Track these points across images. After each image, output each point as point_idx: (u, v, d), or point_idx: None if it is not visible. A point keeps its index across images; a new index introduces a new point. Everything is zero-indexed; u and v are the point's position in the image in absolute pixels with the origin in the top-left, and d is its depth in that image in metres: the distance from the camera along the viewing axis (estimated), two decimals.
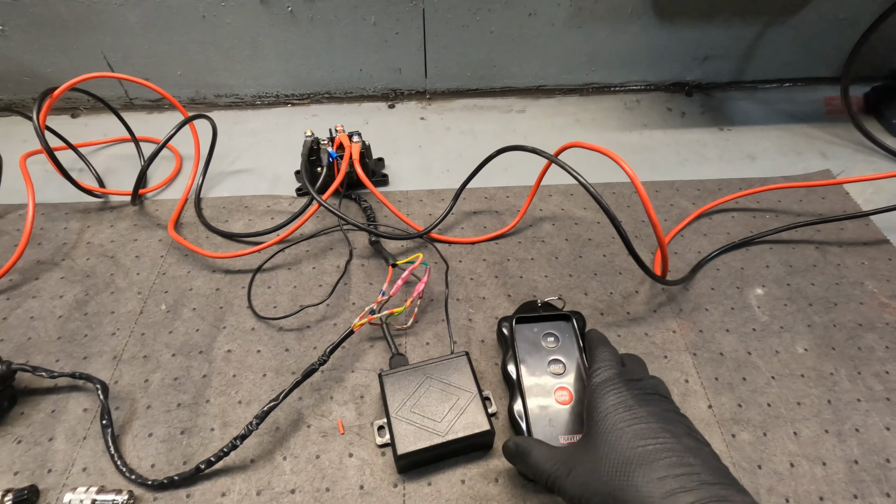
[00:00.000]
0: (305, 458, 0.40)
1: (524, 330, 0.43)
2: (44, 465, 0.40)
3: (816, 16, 0.73)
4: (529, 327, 0.43)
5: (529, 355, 0.41)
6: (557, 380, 0.40)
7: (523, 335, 0.42)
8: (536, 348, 0.42)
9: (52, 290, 0.52)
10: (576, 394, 0.39)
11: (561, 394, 0.39)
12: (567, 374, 0.40)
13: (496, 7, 0.69)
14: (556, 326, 0.43)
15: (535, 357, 0.41)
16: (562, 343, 0.42)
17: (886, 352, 0.47)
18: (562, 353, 0.41)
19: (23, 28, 0.66)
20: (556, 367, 0.41)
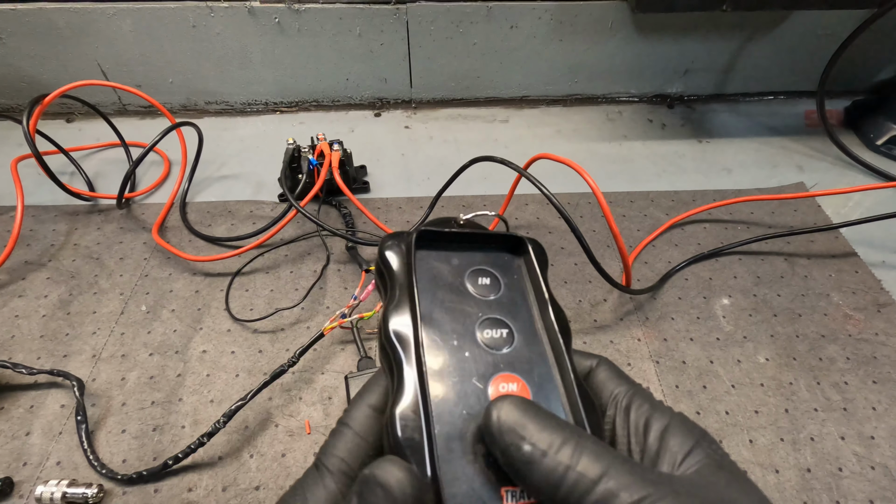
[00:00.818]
0: (271, 457, 0.42)
1: (432, 261, 0.21)
2: (20, 458, 0.41)
3: (796, 31, 0.75)
4: (444, 255, 0.21)
5: (440, 305, 0.20)
6: (496, 356, 0.19)
7: (431, 269, 0.21)
8: (456, 295, 0.20)
9: (38, 290, 0.53)
10: (535, 392, 0.19)
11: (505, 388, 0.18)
12: (514, 348, 0.19)
13: (478, 20, 0.70)
14: (497, 261, 0.22)
15: (454, 312, 0.20)
16: (505, 289, 0.21)
17: (847, 363, 0.48)
18: (505, 308, 0.20)
19: (19, 36, 0.68)
20: (494, 331, 0.20)
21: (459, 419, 0.17)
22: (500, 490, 0.16)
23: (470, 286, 0.20)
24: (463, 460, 0.16)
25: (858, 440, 0.43)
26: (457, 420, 0.17)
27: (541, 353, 0.20)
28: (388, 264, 0.20)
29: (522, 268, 0.22)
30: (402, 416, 0.17)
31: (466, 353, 0.19)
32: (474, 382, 0.18)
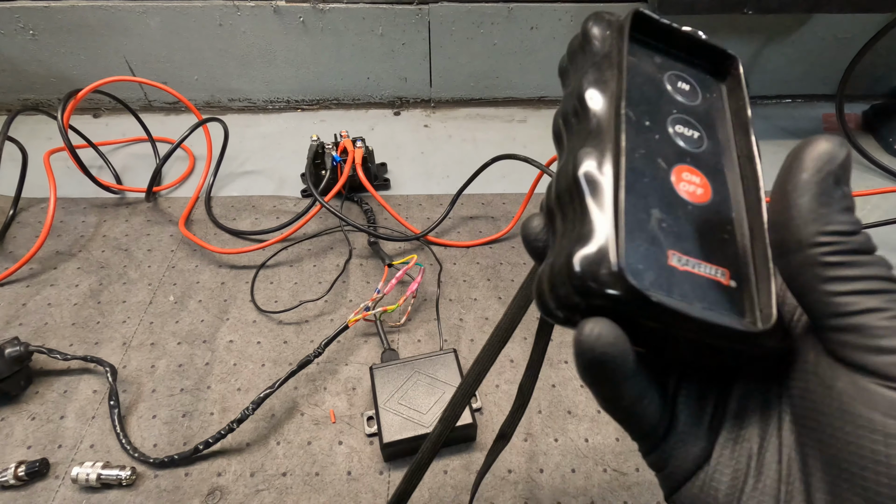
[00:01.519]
0: (298, 444, 0.43)
1: (641, 52, 0.20)
2: (55, 440, 0.42)
3: (815, 34, 0.75)
4: (650, 54, 0.20)
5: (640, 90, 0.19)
6: (685, 149, 0.18)
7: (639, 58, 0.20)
8: (655, 86, 0.19)
9: (69, 280, 0.55)
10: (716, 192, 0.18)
11: (688, 177, 0.18)
12: (703, 151, 0.19)
13: (499, 21, 0.71)
14: (698, 75, 0.20)
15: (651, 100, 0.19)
16: (703, 101, 0.20)
17: None
18: (701, 118, 0.19)
19: (51, 33, 0.70)
20: (687, 129, 0.19)
21: (641, 184, 0.17)
22: (668, 250, 0.16)
23: (668, 85, 0.19)
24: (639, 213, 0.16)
25: None
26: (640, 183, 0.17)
27: (730, 166, 0.19)
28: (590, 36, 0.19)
29: (723, 89, 0.20)
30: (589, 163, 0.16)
31: (657, 135, 0.18)
32: (659, 161, 0.17)
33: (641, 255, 0.16)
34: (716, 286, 0.16)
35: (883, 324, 0.13)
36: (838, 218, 0.14)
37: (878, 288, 0.13)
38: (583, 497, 0.40)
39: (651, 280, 0.15)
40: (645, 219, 0.16)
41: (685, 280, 0.16)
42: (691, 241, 0.17)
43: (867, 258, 0.14)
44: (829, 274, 0.14)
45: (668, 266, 0.16)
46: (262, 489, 0.40)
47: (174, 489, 0.40)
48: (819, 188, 0.14)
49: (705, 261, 0.16)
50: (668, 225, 0.17)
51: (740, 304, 0.16)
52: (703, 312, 0.15)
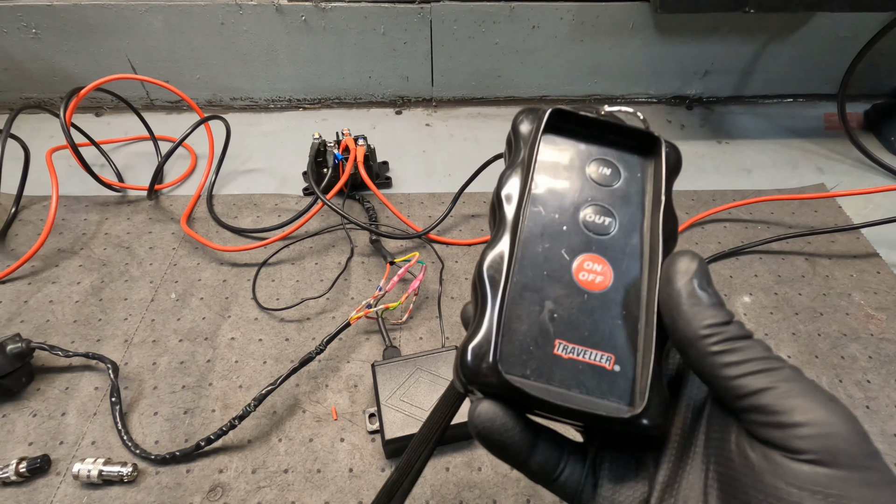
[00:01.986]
0: (299, 441, 0.42)
1: (559, 143, 0.21)
2: (56, 437, 0.42)
3: (817, 33, 0.75)
4: (571, 142, 0.21)
5: (553, 181, 0.21)
6: (591, 238, 0.20)
7: (555, 148, 0.21)
8: (570, 176, 0.21)
9: (71, 277, 0.55)
10: (617, 280, 0.19)
11: (589, 266, 0.20)
12: (612, 238, 0.20)
13: (501, 20, 0.71)
14: (624, 157, 0.22)
15: (564, 190, 0.21)
16: (623, 185, 0.21)
17: (869, 361, 0.48)
18: (615, 201, 0.21)
19: (54, 31, 0.70)
20: (595, 216, 0.20)
21: (539, 277, 0.19)
22: (555, 339, 0.18)
23: (589, 171, 0.21)
24: (530, 307, 0.19)
25: (882, 438, 0.43)
26: (537, 276, 0.19)
27: (636, 250, 0.20)
28: (518, 133, 0.21)
29: (649, 168, 0.21)
30: (491, 258, 0.19)
31: (564, 227, 0.20)
32: (563, 253, 0.20)
33: (524, 347, 0.18)
34: (598, 372, 0.18)
35: (776, 402, 0.15)
36: (711, 313, 0.17)
37: (761, 368, 0.16)
38: None
39: (532, 369, 0.18)
40: (537, 310, 0.19)
41: (568, 367, 0.18)
42: (581, 329, 0.19)
43: (745, 342, 0.16)
44: (719, 361, 0.16)
45: (553, 355, 0.18)
46: (264, 486, 0.40)
47: (176, 486, 0.40)
48: (688, 293, 0.17)
49: (592, 347, 0.18)
50: (560, 315, 0.19)
51: (620, 389, 0.18)
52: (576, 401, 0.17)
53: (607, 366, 0.18)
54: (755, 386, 0.15)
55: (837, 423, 0.14)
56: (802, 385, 0.15)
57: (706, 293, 0.17)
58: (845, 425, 0.14)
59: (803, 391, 0.15)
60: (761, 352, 0.16)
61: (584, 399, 0.18)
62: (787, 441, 0.14)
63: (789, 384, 0.15)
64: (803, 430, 0.14)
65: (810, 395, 0.15)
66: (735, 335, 0.16)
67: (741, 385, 0.16)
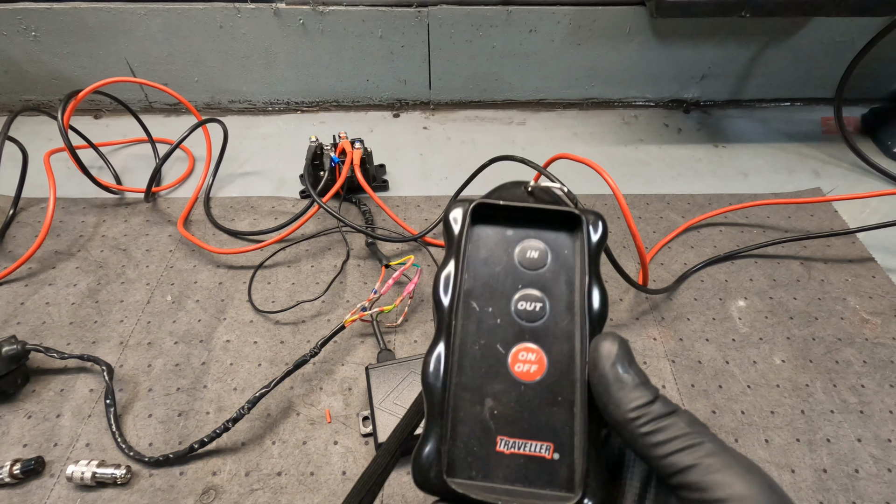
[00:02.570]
0: (293, 444, 0.43)
1: (487, 231, 0.22)
2: (51, 439, 0.42)
3: (814, 38, 0.75)
4: (498, 229, 0.22)
5: (484, 272, 0.21)
6: (525, 327, 0.21)
7: (484, 238, 0.22)
8: (501, 264, 0.22)
9: (67, 279, 0.55)
10: (552, 366, 0.20)
11: (525, 356, 0.20)
12: (544, 322, 0.21)
13: (498, 23, 0.71)
14: (550, 236, 0.22)
15: (495, 278, 0.21)
16: (552, 265, 0.21)
17: (864, 366, 0.48)
18: (545, 283, 0.21)
19: (53, 34, 0.70)
20: (527, 303, 0.21)
21: (477, 375, 0.20)
22: (496, 436, 0.19)
23: (518, 258, 0.21)
24: (471, 407, 0.19)
25: (875, 443, 0.43)
26: (475, 375, 0.20)
27: (569, 331, 0.20)
28: (449, 227, 0.22)
29: (576, 243, 0.22)
30: (432, 365, 0.20)
31: (498, 320, 0.21)
32: (498, 347, 0.20)
33: (468, 448, 0.19)
34: (539, 462, 0.19)
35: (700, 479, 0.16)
36: (635, 395, 0.18)
37: (685, 445, 0.17)
38: None
39: (477, 469, 0.19)
40: (478, 409, 0.19)
41: (510, 462, 0.19)
42: (520, 422, 0.19)
43: (669, 420, 0.17)
44: (648, 441, 0.17)
45: (496, 452, 0.19)
46: (257, 488, 0.40)
47: (169, 488, 0.40)
48: (613, 377, 0.18)
49: (531, 439, 0.19)
50: (500, 411, 0.19)
51: (561, 477, 0.19)
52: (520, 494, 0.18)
53: (547, 455, 0.19)
54: (682, 464, 0.17)
55: (755, 494, 0.16)
56: (723, 459, 0.16)
57: (629, 375, 0.18)
58: (762, 495, 0.16)
59: (724, 465, 0.16)
60: (685, 428, 0.17)
61: (527, 492, 0.18)
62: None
63: (711, 458, 0.16)
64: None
65: (730, 468, 0.16)
66: (659, 414, 0.18)
67: (670, 463, 0.17)
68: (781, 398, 0.46)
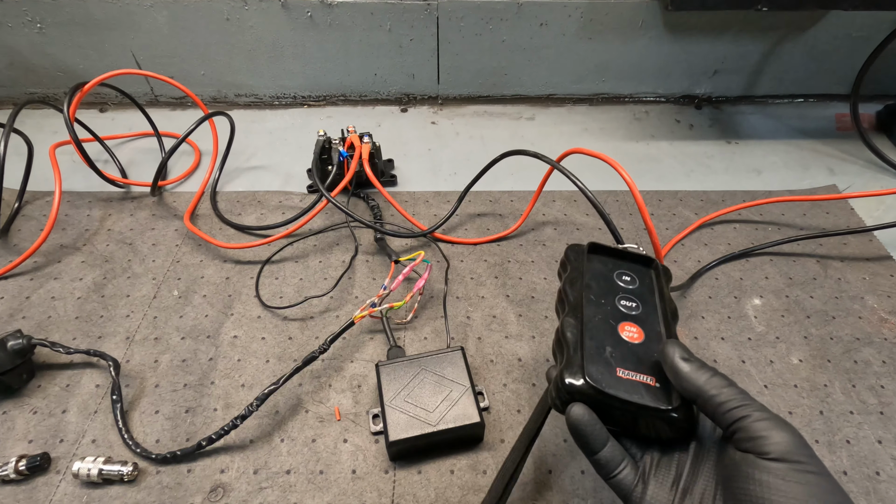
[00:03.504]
0: (302, 442, 0.42)
1: (596, 261, 0.36)
2: (56, 435, 0.42)
3: (829, 33, 0.74)
4: (603, 260, 0.36)
5: (598, 282, 0.34)
6: (627, 314, 0.33)
7: (595, 266, 0.35)
8: (608, 281, 0.35)
9: (73, 273, 0.54)
10: (647, 336, 0.32)
11: (628, 328, 0.32)
12: (640, 314, 0.33)
13: (508, 17, 0.70)
14: (635, 269, 0.36)
15: (605, 288, 0.34)
16: (638, 286, 0.35)
17: (883, 366, 0.47)
18: (636, 295, 0.34)
19: (59, 26, 0.70)
20: (627, 303, 0.33)
21: (598, 334, 0.31)
22: (616, 368, 0.30)
23: (616, 279, 0.35)
24: (598, 351, 0.30)
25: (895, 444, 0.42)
26: (597, 334, 0.31)
27: (655, 320, 0.33)
28: (570, 258, 0.36)
29: (652, 275, 0.36)
30: (568, 324, 0.32)
31: (609, 307, 0.33)
32: (610, 321, 0.32)
33: (600, 371, 0.29)
34: (646, 386, 0.29)
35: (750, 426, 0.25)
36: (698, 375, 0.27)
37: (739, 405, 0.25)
38: (592, 499, 0.39)
39: (606, 383, 0.28)
40: (602, 352, 0.30)
41: (628, 383, 0.29)
42: (631, 363, 0.30)
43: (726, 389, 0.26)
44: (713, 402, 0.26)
45: (617, 377, 0.29)
46: (266, 487, 0.39)
47: (176, 485, 0.39)
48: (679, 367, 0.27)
49: (640, 373, 0.30)
50: (617, 356, 0.30)
51: (661, 396, 0.29)
52: (635, 398, 0.28)
53: (651, 383, 0.29)
54: (737, 416, 0.25)
55: (787, 440, 0.24)
56: (766, 415, 0.25)
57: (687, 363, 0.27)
58: (790, 438, 0.24)
59: (766, 419, 0.25)
60: (738, 394, 0.26)
61: (640, 399, 0.28)
62: (758, 448, 0.24)
63: (757, 413, 0.25)
64: (767, 442, 0.24)
65: (771, 421, 0.25)
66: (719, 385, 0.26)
67: (729, 417, 0.25)
68: (799, 398, 0.45)
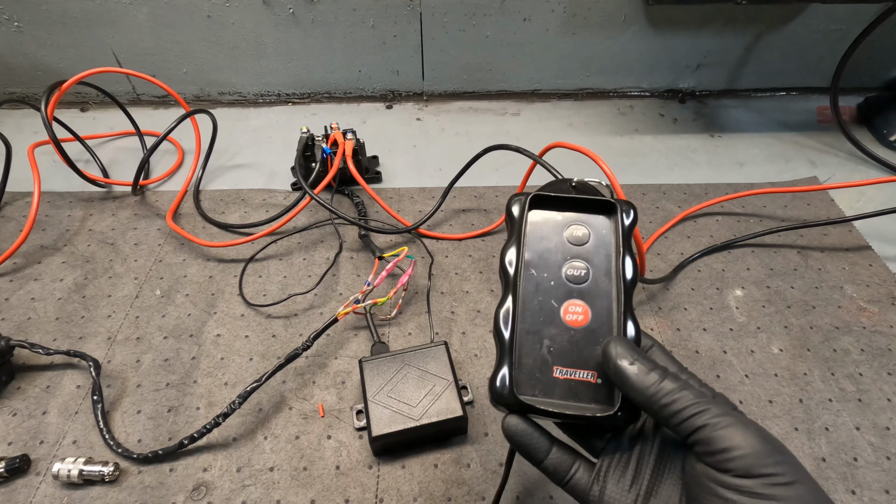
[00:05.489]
0: (285, 439, 0.42)
1: (542, 216, 0.29)
2: (36, 436, 0.41)
3: (808, 26, 0.74)
4: (550, 214, 0.29)
5: (540, 247, 0.28)
6: (573, 288, 0.27)
7: (539, 221, 0.29)
8: (554, 241, 0.28)
9: (54, 274, 0.54)
10: (595, 316, 0.26)
11: (574, 308, 0.27)
12: (589, 285, 0.27)
13: (491, 12, 0.70)
14: (592, 219, 0.29)
15: (549, 253, 0.28)
16: (593, 241, 0.28)
17: (861, 354, 0.48)
18: (590, 255, 0.28)
19: (37, 24, 0.69)
20: (574, 270, 0.27)
21: (536, 322, 0.26)
22: (553, 366, 0.26)
23: (566, 236, 0.28)
24: (533, 345, 0.26)
25: (874, 431, 0.43)
26: (535, 322, 0.26)
27: (608, 291, 0.27)
28: (511, 215, 0.29)
29: (612, 224, 0.28)
30: (502, 314, 0.26)
31: (552, 282, 0.27)
32: (552, 302, 0.27)
33: (534, 377, 0.25)
34: (587, 385, 0.25)
35: (709, 436, 0.21)
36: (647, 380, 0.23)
37: (694, 412, 0.21)
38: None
39: (539, 389, 0.25)
40: (538, 347, 0.26)
41: (565, 385, 0.25)
42: (571, 356, 0.26)
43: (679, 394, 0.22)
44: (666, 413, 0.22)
45: (553, 378, 0.25)
46: (249, 484, 0.39)
47: (158, 485, 0.39)
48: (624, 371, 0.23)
49: (580, 369, 0.26)
50: (555, 348, 0.26)
51: (602, 396, 0.25)
52: (571, 409, 0.25)
53: (592, 380, 0.25)
54: (694, 426, 0.21)
55: (750, 444, 0.20)
56: (726, 419, 0.21)
57: (635, 366, 0.23)
58: (755, 445, 0.20)
59: (727, 423, 0.21)
60: (692, 398, 0.22)
61: (578, 406, 0.25)
62: (719, 465, 0.21)
63: (716, 419, 0.21)
64: (728, 456, 0.21)
65: (732, 426, 0.21)
66: (669, 390, 0.22)
67: (685, 427, 0.22)
68: (779, 387, 0.46)
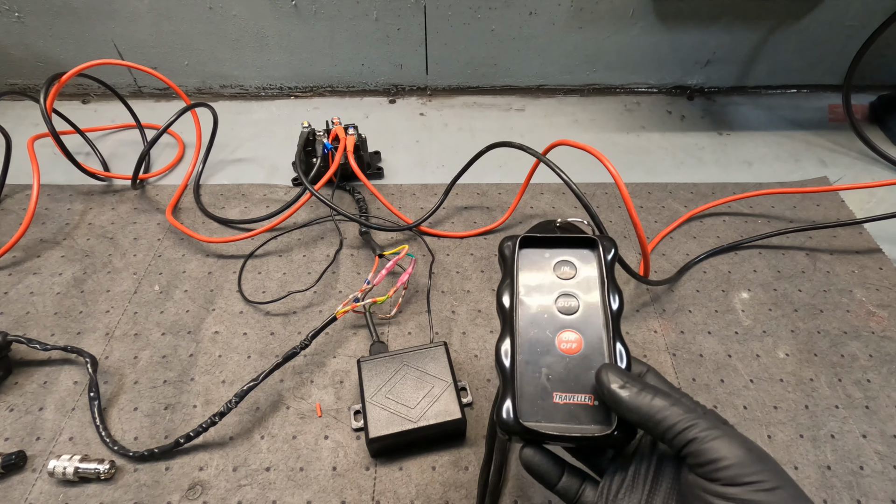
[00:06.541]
0: (282, 439, 0.41)
1: (532, 255, 0.31)
2: (33, 432, 0.41)
3: (822, 22, 0.73)
4: (539, 252, 0.31)
5: (533, 285, 0.30)
6: (565, 319, 0.29)
7: (530, 260, 0.31)
8: (544, 278, 0.31)
9: (52, 268, 0.53)
10: (587, 343, 0.29)
11: (567, 337, 0.29)
12: (579, 315, 0.29)
13: (497, 5, 0.69)
14: (577, 254, 0.31)
15: (541, 288, 0.30)
16: (580, 275, 0.30)
17: (870, 360, 0.47)
18: (578, 288, 0.30)
19: (38, 15, 0.68)
20: (566, 302, 0.30)
21: (534, 353, 0.28)
22: (553, 394, 0.27)
23: (554, 271, 0.31)
24: (533, 375, 0.28)
25: (881, 439, 0.42)
26: (533, 353, 0.28)
27: (598, 320, 0.29)
28: (504, 256, 0.31)
29: (597, 259, 0.31)
30: (503, 349, 0.28)
31: (545, 315, 0.29)
32: (547, 333, 0.29)
33: (536, 405, 0.27)
34: (585, 408, 0.27)
35: (699, 449, 0.23)
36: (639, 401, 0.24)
37: (684, 427, 0.23)
38: None
39: (542, 416, 0.27)
40: (538, 376, 0.28)
41: (565, 409, 0.27)
42: (569, 382, 0.28)
43: (669, 411, 0.24)
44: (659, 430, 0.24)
45: (554, 403, 0.27)
46: (245, 484, 0.39)
47: (154, 483, 0.39)
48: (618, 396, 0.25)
49: (578, 393, 0.27)
50: (553, 376, 0.28)
51: (600, 416, 0.27)
52: (572, 431, 0.26)
53: (589, 402, 0.27)
54: (685, 440, 0.23)
55: (735, 454, 0.22)
56: (713, 432, 0.23)
57: (626, 390, 0.25)
58: (740, 454, 0.22)
59: (714, 436, 0.23)
60: (682, 414, 0.24)
61: (578, 427, 0.27)
62: (709, 475, 0.23)
63: (705, 433, 0.23)
64: (716, 466, 0.22)
65: (719, 439, 0.23)
66: (661, 407, 0.24)
67: (677, 442, 0.23)
68: (785, 393, 0.45)
